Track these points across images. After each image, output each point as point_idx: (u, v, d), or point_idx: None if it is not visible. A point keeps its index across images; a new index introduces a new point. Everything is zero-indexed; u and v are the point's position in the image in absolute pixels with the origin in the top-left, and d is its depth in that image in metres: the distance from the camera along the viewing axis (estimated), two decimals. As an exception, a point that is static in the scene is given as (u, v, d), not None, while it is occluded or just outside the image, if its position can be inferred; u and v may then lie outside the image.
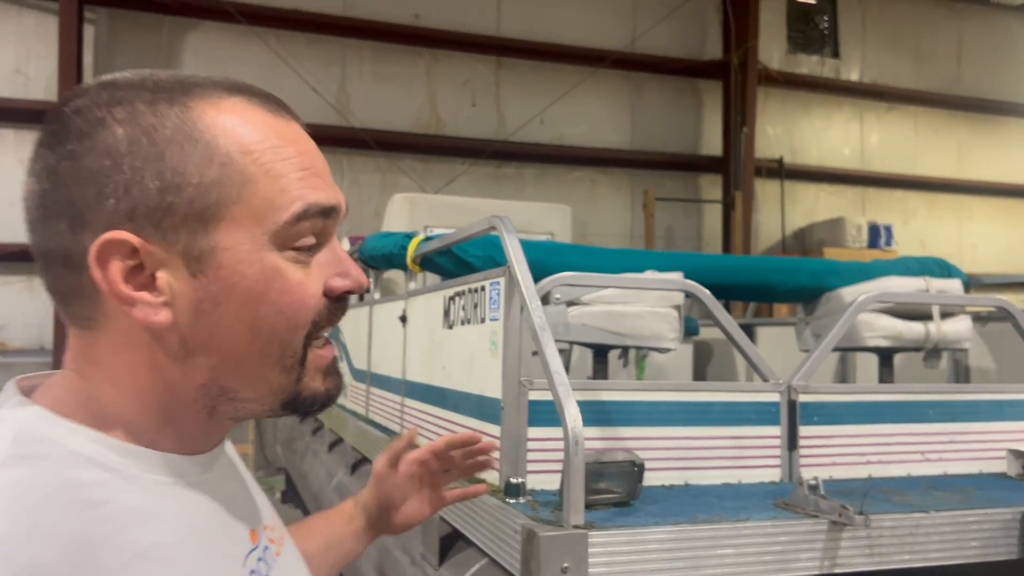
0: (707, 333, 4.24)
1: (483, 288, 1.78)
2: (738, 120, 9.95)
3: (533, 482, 1.61)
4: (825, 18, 11.42)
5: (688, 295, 2.01)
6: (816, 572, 1.39)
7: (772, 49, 10.85)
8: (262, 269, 0.64)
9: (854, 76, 11.44)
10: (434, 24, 9.16)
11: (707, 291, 1.93)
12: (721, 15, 10.39)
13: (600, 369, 2.45)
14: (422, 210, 3.47)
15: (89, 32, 7.86)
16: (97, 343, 0.64)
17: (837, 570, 1.40)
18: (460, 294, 1.95)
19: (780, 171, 10.63)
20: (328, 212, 0.67)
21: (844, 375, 3.48)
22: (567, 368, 2.76)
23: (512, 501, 1.52)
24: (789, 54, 11.07)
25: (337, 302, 0.69)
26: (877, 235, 10.41)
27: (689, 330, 4.13)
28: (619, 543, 1.29)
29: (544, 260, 2.47)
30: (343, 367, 3.38)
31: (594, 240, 9.92)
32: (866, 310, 2.26)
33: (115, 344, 0.64)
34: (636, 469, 1.50)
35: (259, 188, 0.64)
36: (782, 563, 1.37)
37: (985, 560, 1.52)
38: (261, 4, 8.36)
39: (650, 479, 1.69)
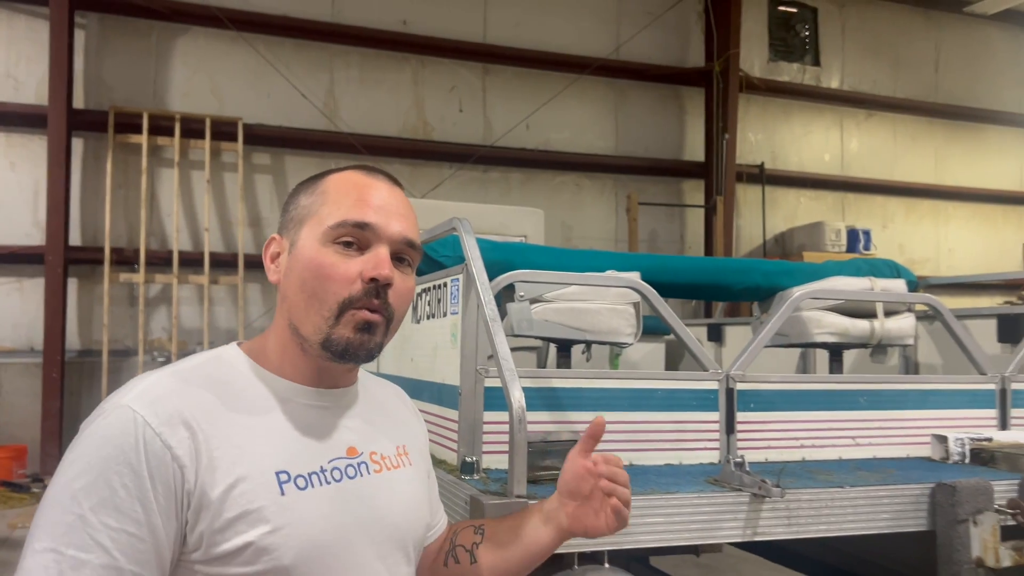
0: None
1: (445, 284, 1.93)
2: (720, 126, 10.14)
3: (489, 461, 1.76)
4: (806, 27, 11.64)
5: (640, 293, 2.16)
6: (739, 539, 1.54)
7: (754, 57, 11.06)
8: (311, 253, 1.06)
9: (834, 83, 11.65)
10: (422, 31, 9.31)
11: (653, 290, 2.08)
12: (703, 23, 10.59)
13: (563, 362, 2.60)
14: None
15: (79, 36, 7.97)
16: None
17: (758, 538, 1.55)
18: (427, 290, 2.10)
19: (761, 176, 10.83)
20: (361, 225, 1.07)
21: (805, 368, 3.65)
22: (544, 363, 2.93)
23: (467, 477, 1.66)
24: (770, 62, 11.27)
25: (370, 283, 1.04)
26: (856, 239, 10.62)
27: (661, 328, 4.29)
28: (557, 510, 1.43)
29: (512, 260, 2.63)
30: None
31: (579, 243, 10.09)
32: (802, 308, 2.42)
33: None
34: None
35: (325, 208, 1.09)
36: (708, 531, 1.52)
37: (896, 531, 1.67)
38: (250, 10, 8.49)
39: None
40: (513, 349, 3.37)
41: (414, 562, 1.18)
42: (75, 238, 7.77)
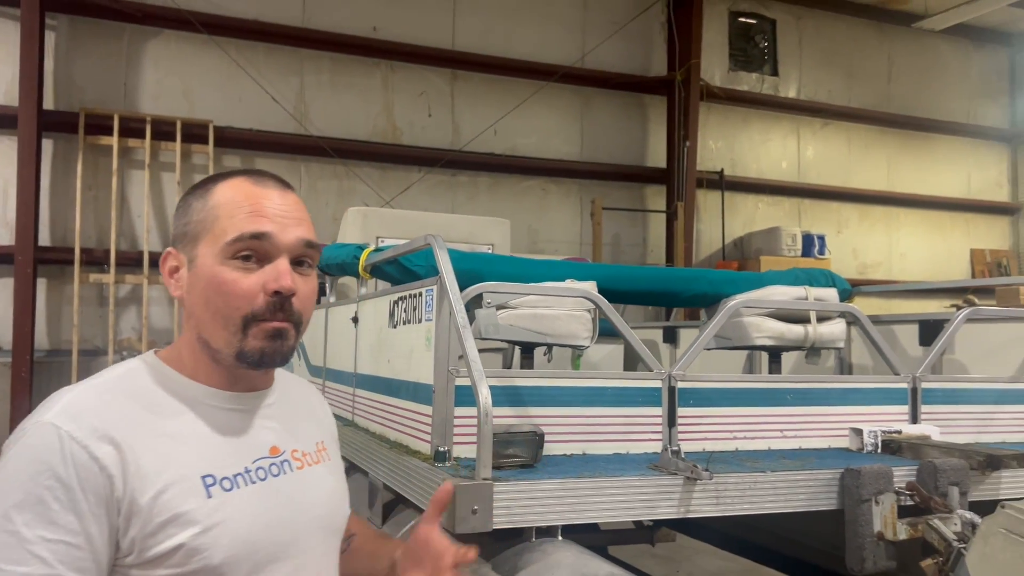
0: (638, 335, 4.67)
1: (420, 294, 2.16)
2: (681, 134, 10.47)
3: (459, 451, 1.99)
4: (765, 38, 12.04)
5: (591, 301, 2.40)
6: (674, 516, 1.79)
7: (714, 66, 11.42)
8: (211, 271, 1.10)
9: (791, 93, 12.07)
10: (391, 37, 9.47)
11: (604, 299, 2.33)
12: (666, 34, 10.92)
13: (527, 363, 2.84)
14: (374, 222, 3.83)
15: (50, 38, 8.00)
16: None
17: (691, 515, 1.80)
18: (403, 299, 2.32)
19: (721, 183, 11.19)
20: (258, 236, 1.10)
21: (751, 369, 3.93)
22: (510, 364, 3.17)
23: (439, 465, 1.89)
24: (731, 71, 11.64)
25: (273, 296, 1.09)
26: (811, 244, 11.04)
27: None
28: (517, 491, 1.67)
29: (480, 269, 2.86)
30: (301, 364, 3.72)
31: (545, 247, 10.34)
32: (743, 314, 2.69)
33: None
34: (538, 438, 1.89)
35: (219, 223, 1.11)
36: (647, 508, 1.77)
37: (811, 509, 1.94)
38: (221, 14, 8.58)
39: (553, 449, 2.09)
40: (481, 351, 3.61)
41: (337, 550, 1.24)
42: (44, 238, 7.81)
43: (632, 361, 5.02)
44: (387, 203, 9.34)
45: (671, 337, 4.54)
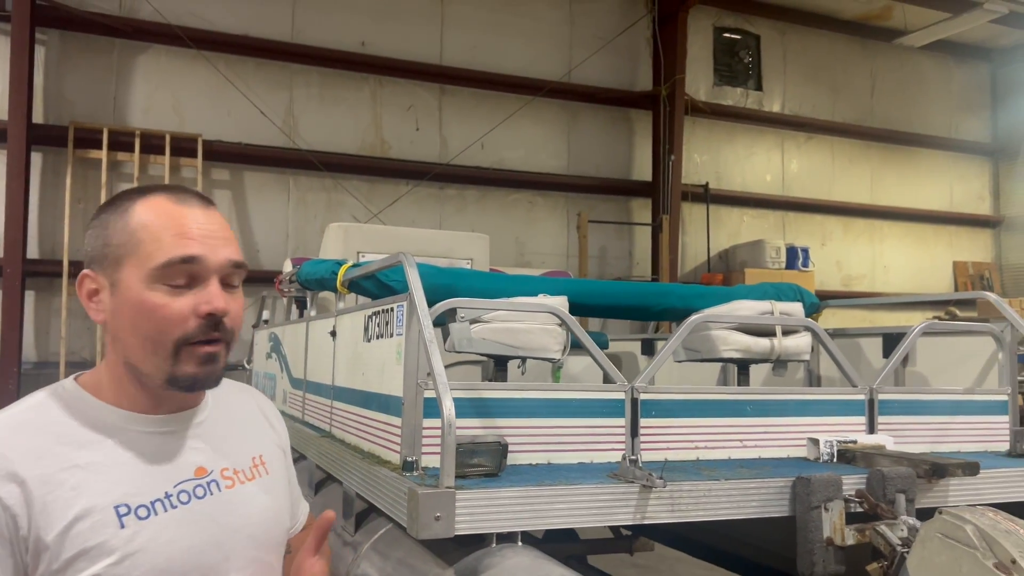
0: (617, 347, 4.77)
1: (392, 309, 2.24)
2: (667, 148, 10.62)
3: (428, 461, 2.06)
4: (749, 53, 12.22)
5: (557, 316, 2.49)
6: (631, 523, 1.87)
7: (699, 81, 11.59)
8: (139, 296, 1.06)
9: (776, 107, 12.25)
10: (380, 52, 9.59)
11: (569, 315, 2.42)
12: (651, 49, 11.08)
13: (500, 376, 2.92)
14: (355, 237, 3.91)
15: (40, 52, 8.08)
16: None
17: (646, 521, 1.88)
18: (376, 313, 2.40)
19: (706, 196, 11.33)
20: (189, 260, 1.07)
21: (725, 381, 4.02)
22: (491, 376, 3.25)
23: (407, 474, 1.97)
24: (715, 86, 11.81)
25: (207, 319, 1.07)
26: (795, 256, 11.18)
27: (600, 344, 4.64)
28: (478, 498, 1.75)
29: (455, 284, 2.95)
30: (283, 377, 3.79)
31: (532, 259, 10.44)
32: (711, 328, 2.78)
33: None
34: (501, 448, 1.97)
35: (144, 247, 1.07)
36: (605, 515, 1.85)
37: (763, 516, 2.02)
38: (211, 29, 8.69)
39: (519, 459, 2.17)
40: (462, 363, 3.70)
41: (278, 565, 1.22)
42: (33, 251, 7.87)
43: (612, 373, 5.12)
44: (375, 216, 9.43)
45: (649, 349, 4.64)
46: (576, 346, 3.70)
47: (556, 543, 4.63)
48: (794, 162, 12.42)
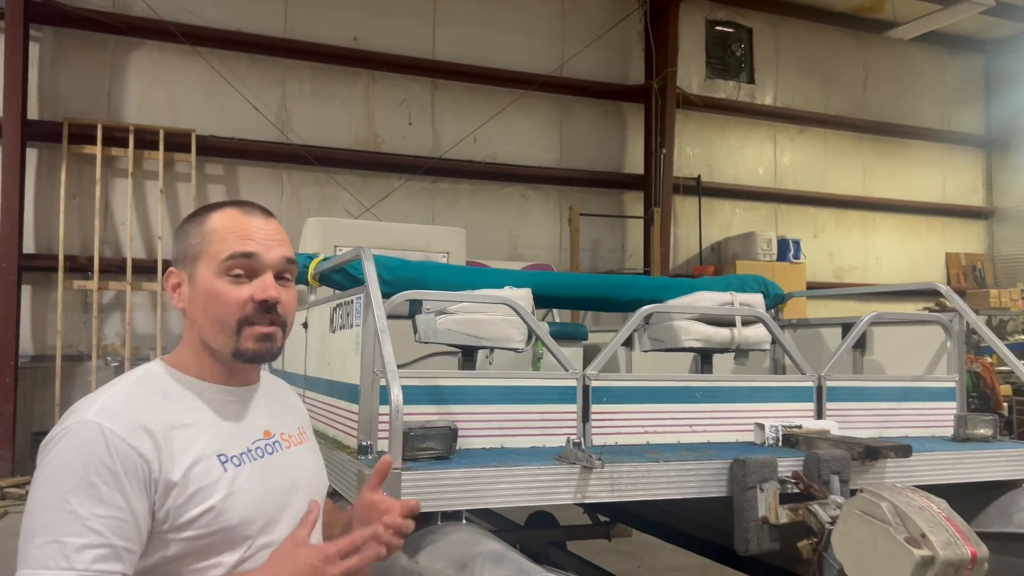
0: (596, 338, 4.87)
1: (352, 301, 2.34)
2: (658, 141, 10.69)
3: (383, 446, 2.17)
4: (741, 46, 12.27)
5: (512, 307, 2.59)
6: (571, 501, 1.98)
7: (692, 74, 11.65)
8: (210, 285, 1.31)
9: (768, 100, 12.30)
10: (372, 47, 9.67)
11: (523, 305, 2.51)
12: (644, 43, 11.14)
13: (468, 365, 3.02)
14: (333, 232, 4.02)
15: (34, 49, 8.18)
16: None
17: (587, 500, 1.99)
18: (340, 305, 2.51)
19: (698, 188, 11.40)
20: (247, 255, 1.32)
21: (698, 369, 4.12)
22: (469, 366, 3.35)
23: (362, 458, 2.08)
24: (708, 79, 11.87)
25: (262, 307, 1.31)
26: (786, 248, 11.26)
27: (579, 335, 4.75)
28: (424, 479, 1.86)
29: (423, 277, 3.06)
30: (265, 368, 3.91)
31: (525, 252, 10.54)
32: (675, 318, 2.88)
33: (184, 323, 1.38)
34: (451, 432, 2.08)
35: (214, 245, 1.33)
36: (546, 494, 1.96)
37: (702, 496, 2.13)
38: (204, 25, 8.77)
39: (474, 443, 2.27)
40: (438, 354, 3.79)
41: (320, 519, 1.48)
42: (29, 246, 7.99)
43: (590, 361, 5.23)
44: (368, 210, 9.53)
45: (627, 341, 4.73)
46: (558, 337, 3.81)
47: (536, 529, 4.76)
48: (786, 154, 12.49)
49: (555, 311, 5.40)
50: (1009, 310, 11.69)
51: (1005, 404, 7.77)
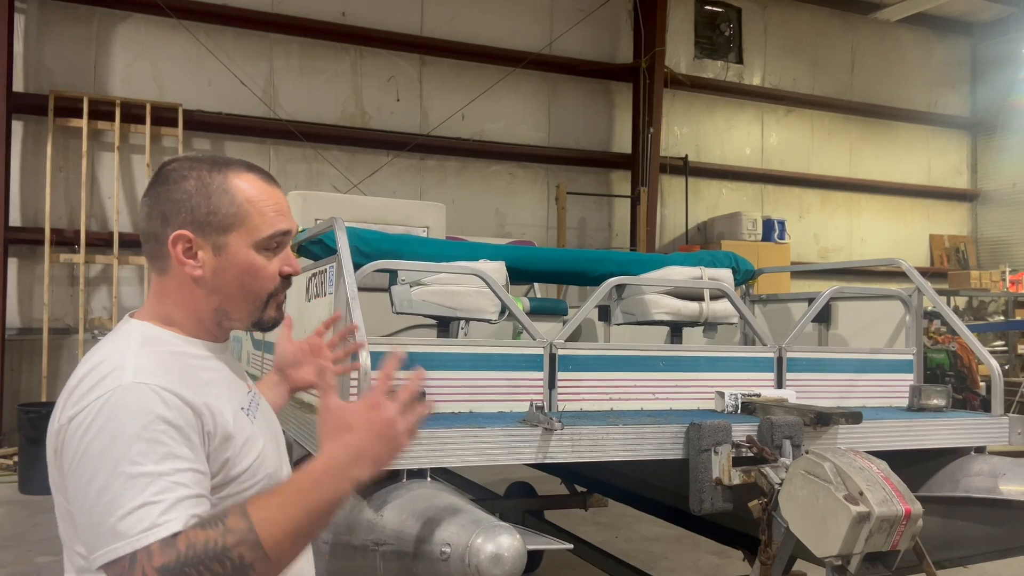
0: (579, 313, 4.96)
1: (325, 271, 2.42)
2: (646, 120, 10.74)
3: (355, 409, 2.25)
4: (730, 26, 12.29)
5: (484, 279, 2.68)
6: (532, 461, 2.07)
7: (680, 54, 11.67)
8: (247, 258, 1.31)
9: (756, 81, 12.35)
10: (360, 22, 9.65)
11: (493, 277, 2.60)
12: (632, 21, 11.14)
13: (443, 335, 3.11)
14: (314, 206, 4.08)
15: (19, 21, 8.13)
16: (167, 284, 1.32)
17: (548, 460, 2.09)
18: (315, 275, 2.58)
19: (685, 168, 11.47)
20: (285, 233, 1.35)
21: (672, 341, 4.23)
22: (456, 334, 3.43)
23: (334, 419, 2.16)
24: (696, 59, 11.90)
25: (285, 279, 1.36)
26: (771, 229, 11.37)
27: (559, 310, 4.84)
28: (390, 438, 1.94)
29: (400, 249, 3.13)
30: (247, 339, 3.98)
31: (512, 230, 10.60)
32: (645, 292, 2.98)
33: (177, 284, 1.31)
34: (419, 396, 2.16)
35: (251, 219, 1.30)
36: (508, 454, 2.05)
37: (659, 458, 2.23)
38: (190, -2, 8.75)
39: (444, 408, 2.37)
40: (420, 326, 3.86)
41: None
42: (15, 219, 8.00)
43: (575, 334, 5.33)
44: (355, 186, 9.56)
45: (604, 315, 4.82)
46: (539, 312, 3.88)
47: (517, 498, 4.88)
48: (773, 135, 12.56)
49: (536, 287, 5.49)
50: (989, 291, 11.86)
51: (982, 384, 7.92)
